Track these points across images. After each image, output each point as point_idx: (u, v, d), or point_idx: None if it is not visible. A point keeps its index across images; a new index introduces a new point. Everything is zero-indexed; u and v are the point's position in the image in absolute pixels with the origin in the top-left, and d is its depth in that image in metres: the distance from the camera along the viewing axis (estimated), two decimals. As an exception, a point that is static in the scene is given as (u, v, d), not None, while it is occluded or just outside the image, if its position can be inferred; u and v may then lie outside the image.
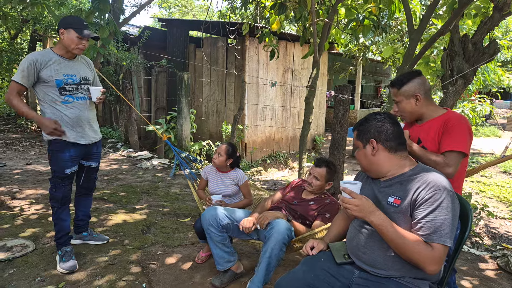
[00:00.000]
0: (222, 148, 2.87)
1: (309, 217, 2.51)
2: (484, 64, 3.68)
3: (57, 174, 2.57)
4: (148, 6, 14.93)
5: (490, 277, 3.00)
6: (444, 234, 1.41)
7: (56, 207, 2.63)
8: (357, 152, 1.71)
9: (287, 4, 4.56)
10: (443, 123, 1.94)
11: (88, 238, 3.04)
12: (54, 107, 2.50)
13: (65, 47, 2.50)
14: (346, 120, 3.86)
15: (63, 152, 2.54)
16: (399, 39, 7.84)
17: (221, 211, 2.45)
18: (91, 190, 2.98)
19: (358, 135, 1.69)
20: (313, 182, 2.54)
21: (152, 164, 6.32)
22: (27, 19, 8.90)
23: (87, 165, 2.82)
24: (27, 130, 9.23)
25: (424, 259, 1.41)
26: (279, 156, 9.54)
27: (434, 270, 1.42)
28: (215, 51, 8.80)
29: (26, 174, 5.33)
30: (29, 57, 2.43)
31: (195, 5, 27.24)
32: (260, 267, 2.16)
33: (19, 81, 2.41)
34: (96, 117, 2.80)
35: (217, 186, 2.93)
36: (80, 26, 2.46)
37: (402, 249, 1.45)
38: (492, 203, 5.98)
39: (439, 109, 2.05)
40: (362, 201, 1.51)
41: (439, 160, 1.85)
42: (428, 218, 1.44)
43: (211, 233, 2.40)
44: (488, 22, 3.51)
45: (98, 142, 2.81)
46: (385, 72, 17.72)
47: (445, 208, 1.44)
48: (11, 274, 2.54)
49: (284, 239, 2.16)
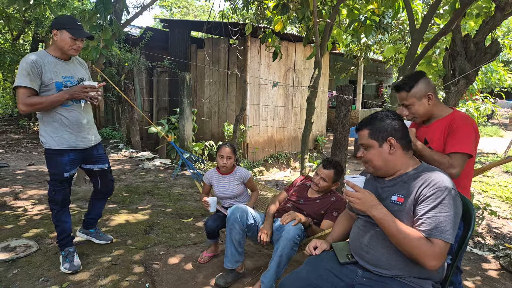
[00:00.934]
0: (227, 151, 2.83)
1: (316, 215, 2.52)
2: (486, 64, 3.67)
3: (56, 177, 2.51)
4: (150, 7, 14.96)
5: (492, 277, 3.00)
6: (445, 231, 1.42)
7: (56, 210, 2.59)
8: (369, 152, 1.64)
9: (290, 5, 4.57)
10: (449, 123, 1.94)
11: (94, 235, 3.07)
12: (54, 111, 2.41)
13: (59, 49, 2.40)
14: (348, 120, 3.86)
15: (62, 156, 2.48)
16: (401, 39, 7.83)
17: (250, 210, 2.47)
18: (109, 193, 2.94)
19: (371, 134, 1.63)
20: (320, 183, 2.55)
21: (154, 165, 6.34)
22: (29, 20, 8.93)
23: (97, 169, 2.75)
24: (29, 130, 9.27)
25: (424, 254, 1.41)
26: (280, 156, 9.54)
27: (434, 266, 1.42)
28: (216, 51, 8.81)
29: (28, 174, 5.35)
30: (28, 60, 2.29)
31: (196, 5, 27.27)
32: (271, 264, 2.20)
33: (29, 85, 2.26)
34: (93, 119, 2.73)
35: (222, 189, 2.92)
36: (73, 26, 2.35)
37: (402, 244, 1.45)
38: (495, 203, 5.98)
39: (446, 108, 2.05)
40: (365, 195, 1.52)
41: (443, 161, 1.85)
42: (429, 214, 1.45)
43: (234, 229, 2.40)
44: (490, 22, 3.51)
45: (97, 145, 2.73)
46: (386, 72, 17.71)
47: (447, 205, 1.44)
48: (15, 274, 2.56)
49: (295, 238, 2.17)
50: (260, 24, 7.16)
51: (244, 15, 8.99)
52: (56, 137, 2.45)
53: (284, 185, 6.46)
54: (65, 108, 2.44)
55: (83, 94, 2.37)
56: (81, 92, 2.36)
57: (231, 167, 2.89)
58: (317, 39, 4.45)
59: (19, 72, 2.28)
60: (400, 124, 1.64)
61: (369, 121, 1.67)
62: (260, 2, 5.97)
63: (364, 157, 1.67)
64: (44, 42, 10.92)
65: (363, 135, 1.66)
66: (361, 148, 1.70)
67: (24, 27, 9.67)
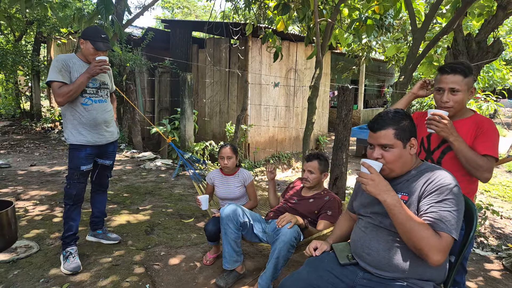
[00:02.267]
0: (227, 151, 2.84)
1: (310, 214, 2.53)
2: (488, 63, 3.65)
3: (73, 171, 2.68)
4: (151, 8, 14.96)
5: (495, 278, 2.98)
6: (450, 225, 1.40)
7: (68, 205, 2.71)
8: (391, 152, 1.55)
9: (291, 4, 4.56)
10: (476, 125, 1.86)
11: (102, 236, 3.11)
12: (74, 108, 2.61)
13: (84, 56, 2.64)
14: (350, 120, 3.84)
15: (80, 151, 2.67)
16: (403, 38, 7.80)
17: (241, 208, 2.47)
18: (104, 186, 3.06)
19: (398, 133, 1.55)
20: (309, 177, 2.58)
21: (155, 165, 6.34)
22: (31, 21, 8.95)
23: (101, 163, 2.91)
24: (31, 131, 9.29)
25: (430, 246, 1.38)
26: (282, 156, 9.53)
27: (438, 261, 1.39)
28: (218, 51, 8.81)
29: (30, 175, 5.36)
30: (59, 59, 2.55)
31: (198, 5, 27.28)
32: (268, 265, 2.20)
33: (60, 80, 2.50)
34: (113, 118, 2.90)
35: (224, 190, 2.92)
36: (96, 39, 2.57)
37: (409, 233, 1.41)
38: (497, 202, 5.94)
39: (467, 109, 1.98)
40: (380, 178, 1.49)
41: (482, 164, 1.77)
42: (434, 208, 1.44)
43: (228, 229, 2.40)
44: (492, 20, 3.48)
45: (114, 141, 2.93)
46: (388, 72, 17.67)
47: (451, 201, 1.44)
48: (16, 275, 2.56)
49: (291, 241, 2.17)
50: (261, 24, 7.15)
51: (245, 15, 8.98)
52: (76, 133, 2.65)
53: (285, 185, 6.44)
54: (84, 107, 2.63)
55: (97, 68, 2.52)
56: (95, 67, 2.52)
57: (234, 167, 2.89)
58: (318, 38, 4.43)
59: (51, 69, 2.53)
60: (414, 124, 1.63)
61: (392, 119, 1.57)
62: (261, 2, 5.96)
63: (384, 158, 1.56)
64: (46, 43, 10.94)
65: (388, 134, 1.55)
66: (377, 148, 1.58)
67: (26, 28, 9.70)
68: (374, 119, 1.63)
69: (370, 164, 1.52)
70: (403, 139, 1.56)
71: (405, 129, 1.57)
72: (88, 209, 3.16)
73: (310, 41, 5.02)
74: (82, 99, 2.62)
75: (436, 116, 1.81)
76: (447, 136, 1.80)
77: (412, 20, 3.95)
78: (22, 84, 11.24)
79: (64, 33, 9.38)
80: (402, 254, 1.51)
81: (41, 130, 9.52)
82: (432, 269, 1.50)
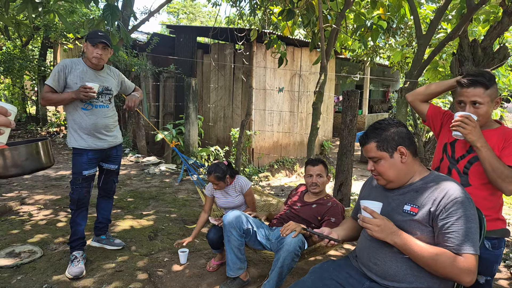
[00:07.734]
0: (212, 178, 2.71)
1: (313, 220, 2.51)
2: (495, 69, 3.63)
3: (76, 175, 2.70)
4: (156, 13, 15.10)
5: (503, 287, 2.93)
6: (474, 243, 1.38)
7: (73, 210, 2.74)
8: (380, 164, 1.57)
9: (295, 10, 4.56)
10: (503, 136, 1.78)
11: (105, 242, 3.11)
12: (74, 113, 2.66)
13: (88, 58, 2.69)
14: (354, 126, 3.82)
15: (81, 155, 2.69)
16: (408, 44, 7.79)
17: (244, 215, 2.44)
18: (109, 192, 3.06)
19: (379, 146, 1.56)
20: (318, 181, 2.58)
21: (159, 170, 6.34)
22: (38, 27, 9.03)
23: (106, 167, 2.93)
24: (37, 135, 9.35)
25: (459, 271, 1.36)
26: (286, 162, 9.50)
27: (471, 281, 1.37)
28: (222, 57, 8.84)
29: (35, 179, 5.38)
30: (60, 63, 2.63)
31: (203, 11, 27.46)
32: (272, 274, 2.17)
33: (50, 84, 2.59)
34: (116, 123, 2.91)
35: (224, 200, 2.88)
36: (93, 36, 2.62)
37: (433, 266, 1.39)
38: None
39: (493, 121, 1.88)
40: (384, 222, 1.45)
41: (509, 174, 1.67)
42: (454, 228, 1.39)
43: (231, 236, 2.38)
44: (498, 26, 3.47)
45: (118, 145, 2.94)
46: (393, 77, 17.62)
47: (469, 216, 1.40)
48: (19, 280, 2.55)
49: (296, 250, 2.15)
50: (266, 29, 7.16)
51: (250, 20, 9.01)
52: (77, 137, 2.68)
53: (289, 190, 6.42)
54: (84, 112, 2.66)
55: (81, 93, 2.55)
56: (80, 92, 2.55)
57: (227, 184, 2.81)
58: (323, 44, 4.43)
59: (52, 72, 2.64)
60: (406, 131, 1.59)
61: (373, 132, 1.59)
62: (266, 7, 5.97)
63: (375, 170, 1.59)
64: (52, 48, 11.04)
65: (371, 148, 1.58)
66: (369, 161, 1.62)
67: (33, 33, 9.80)
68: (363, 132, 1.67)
69: (371, 207, 1.49)
70: (387, 150, 1.55)
71: (388, 140, 1.55)
72: (93, 214, 3.16)
73: (315, 47, 5.02)
74: (82, 104, 2.65)
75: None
76: (475, 141, 1.67)
77: (417, 26, 3.94)
78: (28, 89, 11.34)
79: (70, 38, 9.47)
80: (409, 264, 1.48)
81: (47, 134, 9.58)
82: (440, 279, 1.47)
